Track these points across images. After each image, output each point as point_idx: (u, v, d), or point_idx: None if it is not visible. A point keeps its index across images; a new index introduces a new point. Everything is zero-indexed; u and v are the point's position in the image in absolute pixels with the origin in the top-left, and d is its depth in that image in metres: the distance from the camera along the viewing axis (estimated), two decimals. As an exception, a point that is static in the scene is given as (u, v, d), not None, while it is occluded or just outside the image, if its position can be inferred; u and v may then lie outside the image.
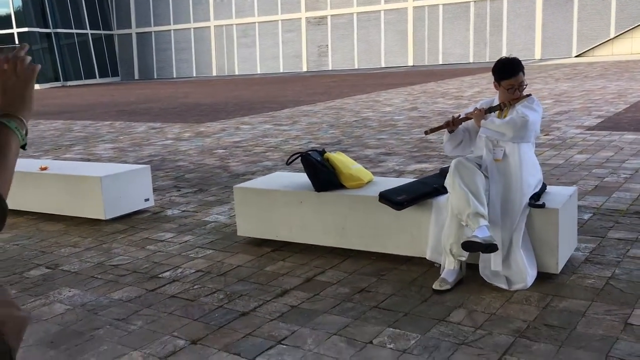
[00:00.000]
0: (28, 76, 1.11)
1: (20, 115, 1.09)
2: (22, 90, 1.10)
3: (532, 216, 3.46)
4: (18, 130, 1.07)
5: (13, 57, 1.10)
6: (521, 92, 3.51)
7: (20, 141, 1.08)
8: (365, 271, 3.76)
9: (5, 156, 1.03)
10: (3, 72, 1.09)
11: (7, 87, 1.09)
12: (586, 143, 7.66)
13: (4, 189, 1.00)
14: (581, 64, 25.34)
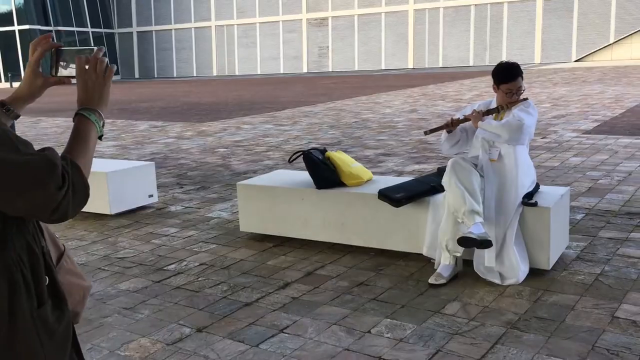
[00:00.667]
0: (107, 76, 1.26)
1: (98, 109, 1.24)
2: (101, 87, 1.25)
3: (525, 214, 3.60)
4: (97, 122, 1.23)
5: (93, 59, 1.25)
6: (519, 96, 3.65)
7: (98, 132, 1.23)
8: (364, 266, 3.90)
9: (87, 143, 1.18)
10: (85, 71, 1.25)
11: (88, 85, 1.25)
12: (582, 146, 7.81)
13: (86, 172, 1.14)
14: (580, 69, 25.50)
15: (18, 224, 1.14)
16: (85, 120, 1.22)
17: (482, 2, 34.55)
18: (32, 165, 1.07)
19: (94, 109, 1.24)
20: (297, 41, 40.50)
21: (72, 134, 1.20)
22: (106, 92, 1.27)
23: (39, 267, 1.16)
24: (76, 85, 1.27)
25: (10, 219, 1.12)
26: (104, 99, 1.26)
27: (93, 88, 1.26)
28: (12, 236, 1.13)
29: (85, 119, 1.22)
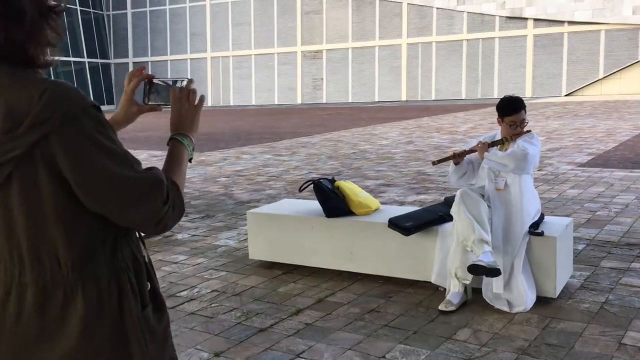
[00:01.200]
0: (198, 105, 1.39)
1: (190, 135, 1.37)
2: (192, 115, 1.39)
3: (531, 243, 3.71)
4: (188, 146, 1.36)
5: (186, 89, 1.39)
6: (522, 128, 3.80)
7: (189, 155, 1.36)
8: (374, 293, 3.98)
9: (181, 164, 1.31)
10: (179, 100, 1.38)
11: (182, 112, 1.38)
12: (578, 179, 7.97)
13: (181, 190, 1.26)
14: (571, 103, 25.96)
15: (125, 234, 1.25)
16: (179, 144, 1.35)
17: (473, 37, 35.27)
18: (145, 181, 1.19)
19: (187, 134, 1.37)
20: (292, 73, 41.02)
21: (169, 156, 1.33)
22: (197, 120, 1.40)
23: (142, 274, 1.28)
24: (170, 113, 1.39)
25: (120, 229, 1.23)
26: (195, 125, 1.39)
27: (186, 116, 1.39)
28: (121, 245, 1.24)
29: (179, 143, 1.35)
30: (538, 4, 33.03)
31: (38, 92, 1.10)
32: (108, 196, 1.16)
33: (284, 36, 40.85)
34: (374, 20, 38.06)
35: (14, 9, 1.11)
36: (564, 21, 32.62)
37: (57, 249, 1.18)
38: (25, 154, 1.11)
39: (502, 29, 34.43)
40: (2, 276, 1.19)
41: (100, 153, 1.14)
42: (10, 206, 1.15)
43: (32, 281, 1.18)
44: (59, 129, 1.10)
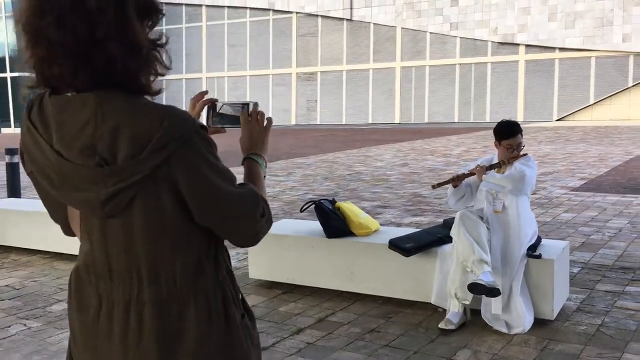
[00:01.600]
0: (267, 126, 1.47)
1: (262, 154, 1.46)
2: (263, 136, 1.47)
3: (529, 266, 3.78)
4: (262, 164, 1.44)
5: (255, 112, 1.47)
6: (519, 151, 3.90)
7: (264, 172, 1.44)
8: (374, 313, 4.02)
9: (261, 181, 1.40)
10: (249, 122, 1.46)
11: (253, 134, 1.46)
12: (571, 203, 8.08)
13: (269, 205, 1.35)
14: (562, 128, 26.27)
15: (222, 246, 1.33)
16: (254, 163, 1.43)
17: (466, 62, 35.73)
18: (247, 197, 1.28)
19: (260, 154, 1.45)
20: (286, 94, 41.31)
21: (248, 174, 1.41)
22: (267, 140, 1.48)
23: (235, 283, 1.35)
24: (240, 134, 1.47)
25: (219, 241, 1.30)
26: (265, 145, 1.47)
27: (257, 137, 1.46)
28: (221, 256, 1.32)
29: (255, 162, 1.43)
30: (529, 30, 33.58)
31: (158, 118, 1.17)
32: (218, 211, 1.24)
33: (279, 58, 41.21)
34: (368, 44, 38.51)
35: (133, 43, 1.18)
36: (555, 47, 33.15)
37: (174, 265, 1.24)
38: (148, 176, 1.17)
39: (495, 54, 34.92)
40: (121, 295, 1.24)
41: (211, 170, 1.21)
42: (132, 227, 1.21)
43: (149, 298, 1.23)
44: (178, 151, 1.17)
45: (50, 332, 3.78)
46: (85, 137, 1.17)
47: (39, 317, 4.08)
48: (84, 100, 1.18)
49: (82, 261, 1.29)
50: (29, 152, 1.24)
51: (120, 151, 1.16)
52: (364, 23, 38.26)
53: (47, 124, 1.21)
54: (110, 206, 1.18)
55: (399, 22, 37.03)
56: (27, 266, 5.39)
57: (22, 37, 1.21)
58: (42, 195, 1.31)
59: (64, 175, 1.19)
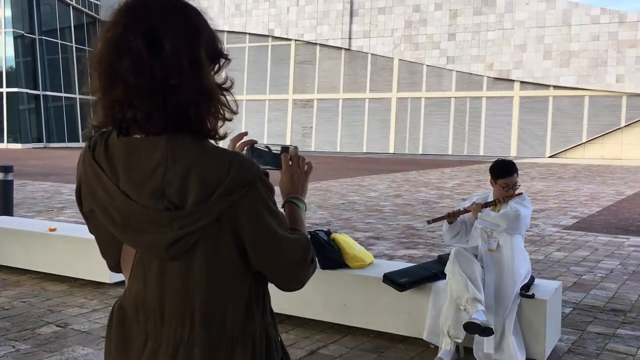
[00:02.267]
0: (307, 171, 1.49)
1: (302, 198, 1.48)
2: (303, 181, 1.49)
3: (522, 305, 3.79)
4: (303, 208, 1.46)
5: (295, 156, 1.48)
6: (514, 190, 3.94)
7: (304, 216, 1.46)
8: (365, 347, 4.01)
9: (304, 225, 1.41)
10: (290, 166, 1.48)
11: (294, 178, 1.47)
12: (563, 241, 8.12)
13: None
14: (554, 165, 26.48)
15: (267, 290, 1.34)
16: (296, 207, 1.44)
17: (461, 95, 36.14)
18: (300, 243, 1.30)
19: (300, 197, 1.47)
20: (282, 120, 41.54)
21: (291, 218, 1.40)
22: (307, 184, 1.50)
23: (277, 327, 1.37)
24: (280, 177, 1.48)
25: (266, 285, 1.32)
26: (305, 189, 1.49)
27: (298, 181, 1.48)
28: (267, 300, 1.33)
29: (296, 206, 1.45)
30: (525, 67, 34.08)
31: (226, 164, 1.19)
32: (274, 256, 1.27)
33: (276, 84, 41.53)
34: (365, 74, 38.92)
35: (204, 88, 1.21)
36: (549, 85, 33.63)
37: (226, 309, 1.25)
38: (214, 221, 1.19)
39: (490, 89, 35.36)
40: (172, 336, 1.24)
41: (270, 216, 1.24)
42: (192, 270, 1.22)
43: (200, 341, 1.24)
44: (243, 197, 1.20)
45: (40, 355, 3.74)
46: (155, 181, 1.19)
47: (27, 339, 4.04)
48: (154, 143, 1.20)
49: (131, 299, 1.29)
50: (92, 190, 1.25)
51: (189, 195, 1.18)
52: (361, 53, 38.74)
53: (113, 164, 1.22)
54: (175, 249, 1.20)
55: (396, 53, 37.52)
56: (17, 286, 5.35)
57: (96, 78, 1.22)
58: (97, 233, 1.31)
59: (130, 217, 1.20)
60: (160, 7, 1.20)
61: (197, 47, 1.21)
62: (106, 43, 1.20)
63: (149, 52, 1.17)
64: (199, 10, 1.25)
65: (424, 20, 36.47)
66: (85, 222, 1.34)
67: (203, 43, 1.22)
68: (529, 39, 33.95)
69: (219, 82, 1.26)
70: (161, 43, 1.18)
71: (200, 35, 1.22)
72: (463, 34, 35.53)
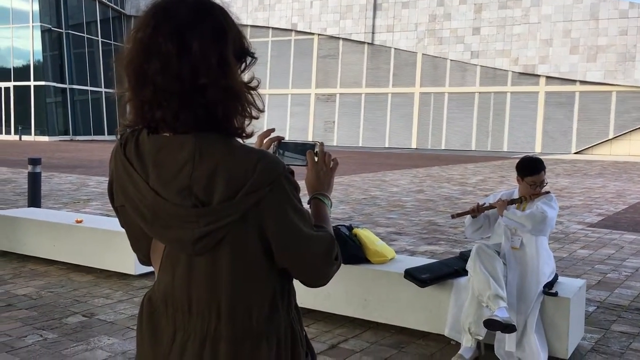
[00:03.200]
0: (333, 167, 1.50)
1: (328, 194, 1.49)
2: (329, 177, 1.49)
3: (545, 303, 3.76)
4: (329, 204, 1.47)
5: (321, 153, 1.49)
6: (542, 188, 3.90)
7: (329, 212, 1.48)
8: (386, 342, 4.02)
9: (329, 222, 1.43)
10: (316, 163, 1.49)
11: (320, 175, 1.48)
12: (588, 239, 8.02)
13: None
14: (580, 161, 26.11)
15: (292, 285, 1.36)
16: (321, 203, 1.46)
17: (486, 90, 35.77)
18: (325, 241, 1.32)
19: (326, 194, 1.48)
20: (305, 114, 41.57)
21: (316, 215, 1.42)
22: (332, 181, 1.51)
23: (302, 322, 1.39)
24: (306, 174, 1.49)
25: (291, 281, 1.35)
26: (331, 186, 1.50)
27: (324, 177, 1.49)
28: (292, 296, 1.36)
29: (322, 202, 1.46)
30: (551, 62, 33.59)
31: (253, 161, 1.21)
32: (298, 253, 1.29)
33: (299, 78, 41.56)
34: (388, 68, 38.73)
35: (232, 88, 1.23)
36: (576, 80, 33.10)
37: (251, 303, 1.28)
38: (239, 218, 1.21)
39: (515, 84, 34.94)
40: (199, 329, 1.27)
41: (296, 214, 1.26)
42: (218, 265, 1.25)
43: (226, 335, 1.27)
44: (269, 195, 1.22)
45: (66, 344, 3.82)
46: (183, 178, 1.22)
47: (55, 328, 4.13)
48: (182, 141, 1.23)
49: (160, 292, 1.32)
50: (123, 187, 1.28)
51: (215, 193, 1.20)
52: (385, 47, 38.54)
53: (143, 161, 1.25)
54: (201, 245, 1.22)
55: (420, 48, 37.25)
56: (44, 276, 5.46)
57: (126, 78, 1.25)
58: (128, 228, 1.34)
59: (158, 213, 1.23)
60: (188, 9, 1.22)
61: (225, 47, 1.23)
62: (136, 44, 1.23)
63: (178, 54, 1.19)
64: (226, 9, 1.27)
65: (448, 15, 36.14)
66: (117, 217, 1.37)
67: (230, 42, 1.24)
68: (555, 33, 33.44)
69: (245, 81, 1.28)
70: (190, 44, 1.20)
71: (228, 35, 1.24)
72: (488, 28, 35.13)
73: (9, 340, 3.87)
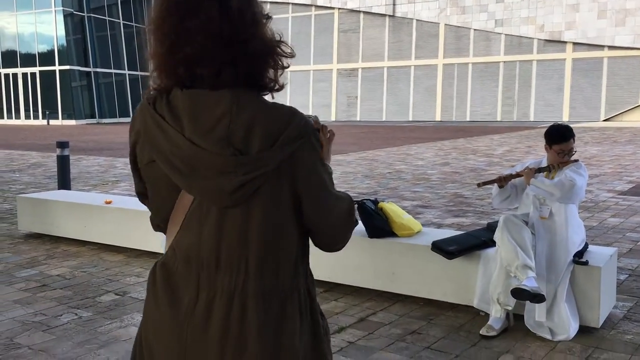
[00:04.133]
0: (330, 138, 1.52)
1: (328, 163, 1.50)
2: (327, 147, 1.52)
3: (575, 272, 3.72)
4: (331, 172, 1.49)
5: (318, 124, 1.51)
6: (570, 157, 3.83)
7: None
8: (415, 315, 4.03)
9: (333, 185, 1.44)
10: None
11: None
12: (619, 207, 7.88)
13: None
14: (610, 129, 25.56)
15: (309, 250, 1.41)
16: None
17: (510, 59, 35.08)
18: (346, 201, 1.37)
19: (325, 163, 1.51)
20: (327, 90, 41.36)
21: None
22: (330, 151, 1.54)
23: (314, 287, 1.43)
24: None
25: (308, 245, 1.39)
26: (329, 156, 1.53)
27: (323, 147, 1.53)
28: (308, 259, 1.41)
29: None
30: (578, 27, 32.75)
31: (287, 116, 1.27)
32: (326, 209, 1.33)
33: (320, 53, 41.27)
34: (410, 40, 38.19)
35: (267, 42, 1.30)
36: (604, 45, 32.25)
37: (278, 261, 1.31)
38: (275, 169, 1.26)
39: (540, 52, 34.19)
40: (226, 285, 1.29)
41: (323, 169, 1.33)
42: (251, 218, 1.27)
43: (254, 291, 1.29)
44: (301, 147, 1.28)
45: (101, 322, 3.91)
46: (221, 130, 1.25)
47: (89, 306, 4.23)
48: (219, 95, 1.26)
49: (181, 252, 1.32)
50: (153, 141, 1.28)
51: (253, 144, 1.24)
52: (406, 19, 37.96)
53: (176, 115, 1.27)
54: (238, 195, 1.25)
55: (442, 18, 36.61)
56: (77, 257, 5.58)
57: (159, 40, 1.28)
58: (153, 186, 1.35)
59: (195, 163, 1.25)
60: None
61: (256, 5, 1.30)
62: (173, 3, 1.25)
63: (220, 12, 1.24)
64: None
65: (470, -17, 35.37)
66: (138, 181, 1.37)
67: (257, 2, 1.31)
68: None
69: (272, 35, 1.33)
70: (229, 2, 1.25)
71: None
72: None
73: (45, 319, 3.98)
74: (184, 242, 1.32)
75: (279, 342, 1.30)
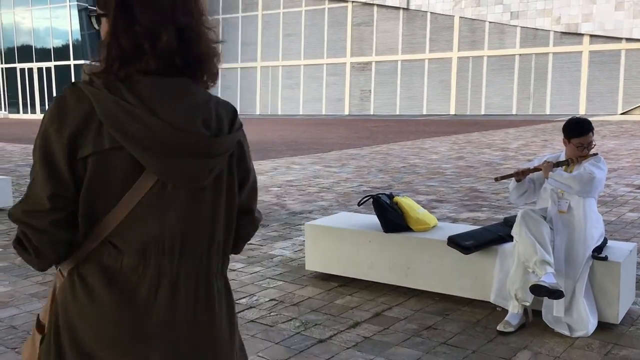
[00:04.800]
0: None
1: None
2: None
3: (594, 268, 3.67)
4: None
5: None
6: (589, 150, 3.76)
7: None
8: (430, 310, 3.99)
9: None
10: None
11: None
12: (637, 202, 7.77)
13: None
14: (627, 122, 25.26)
15: None
16: None
17: (526, 52, 34.72)
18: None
19: None
20: (340, 84, 41.21)
21: None
22: None
23: None
24: None
25: None
26: None
27: None
28: None
29: None
30: (595, 19, 32.32)
31: (230, 105, 1.41)
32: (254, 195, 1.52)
33: (333, 47, 41.12)
34: (424, 33, 37.93)
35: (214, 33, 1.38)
36: (621, 38, 31.81)
37: (227, 244, 1.44)
38: (232, 153, 1.38)
39: (557, 44, 33.81)
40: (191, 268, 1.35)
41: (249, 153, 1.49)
42: (219, 199, 1.38)
43: (216, 269, 1.41)
44: (243, 136, 1.44)
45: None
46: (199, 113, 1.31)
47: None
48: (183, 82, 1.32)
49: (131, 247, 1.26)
50: (119, 125, 1.22)
51: (223, 127, 1.35)
52: (420, 12, 37.68)
53: (144, 100, 1.26)
54: (212, 175, 1.33)
55: (456, 11, 36.31)
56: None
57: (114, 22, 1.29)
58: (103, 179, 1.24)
59: (174, 145, 1.26)
60: None
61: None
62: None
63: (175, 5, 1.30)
64: None
65: (485, -25, 35.04)
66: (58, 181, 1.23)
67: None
68: (599, -11, 32.09)
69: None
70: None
71: None
72: (527, -13, 33.95)
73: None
74: (135, 233, 1.27)
75: (232, 314, 1.45)
